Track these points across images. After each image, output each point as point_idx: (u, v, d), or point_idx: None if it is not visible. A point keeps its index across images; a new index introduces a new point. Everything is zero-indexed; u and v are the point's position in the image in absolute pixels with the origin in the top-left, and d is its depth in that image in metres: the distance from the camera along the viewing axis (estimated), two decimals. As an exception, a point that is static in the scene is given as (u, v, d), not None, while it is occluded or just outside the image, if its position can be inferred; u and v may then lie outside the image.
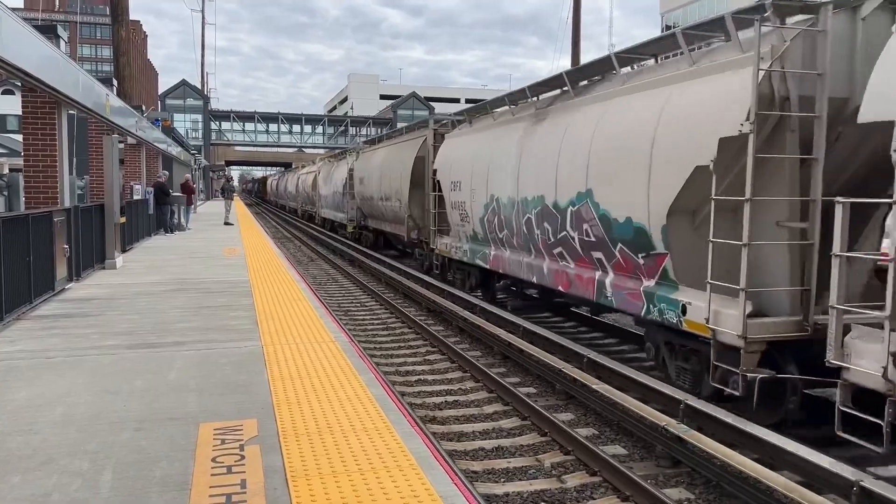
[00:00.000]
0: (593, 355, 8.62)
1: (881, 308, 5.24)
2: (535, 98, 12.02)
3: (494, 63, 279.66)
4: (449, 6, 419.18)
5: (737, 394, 6.56)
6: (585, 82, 10.64)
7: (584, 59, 28.74)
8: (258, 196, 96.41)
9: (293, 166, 68.05)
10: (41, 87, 10.38)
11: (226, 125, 72.26)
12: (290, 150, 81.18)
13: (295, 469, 3.92)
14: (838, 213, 5.48)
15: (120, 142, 16.76)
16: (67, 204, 11.81)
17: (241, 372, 5.94)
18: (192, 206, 25.69)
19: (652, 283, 8.18)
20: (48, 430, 4.55)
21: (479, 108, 14.91)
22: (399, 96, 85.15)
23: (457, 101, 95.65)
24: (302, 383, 5.58)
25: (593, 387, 7.51)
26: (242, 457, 4.09)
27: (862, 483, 4.71)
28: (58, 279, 10.05)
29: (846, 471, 4.93)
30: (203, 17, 65.99)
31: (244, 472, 3.88)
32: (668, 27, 62.52)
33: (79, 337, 7.29)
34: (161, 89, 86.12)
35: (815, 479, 5.15)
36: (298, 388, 5.43)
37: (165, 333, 7.45)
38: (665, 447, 6.16)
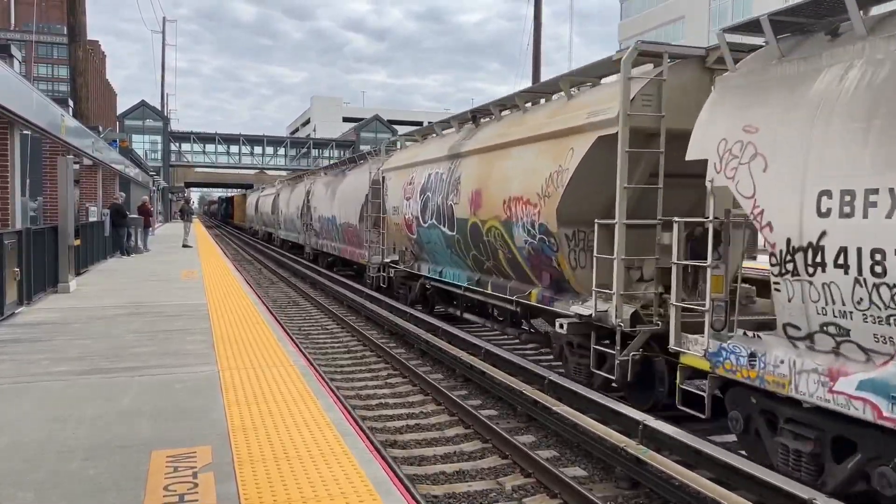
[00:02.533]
0: (554, 377, 8.65)
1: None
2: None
3: (457, 87, 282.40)
4: (412, 31, 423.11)
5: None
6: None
7: (545, 83, 29.12)
8: (225, 219, 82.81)
9: (254, 187, 67.17)
10: (-7, 106, 10.17)
11: (186, 146, 71.40)
12: (251, 171, 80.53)
13: (249, 497, 3.84)
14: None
15: (75, 163, 16.43)
16: (19, 226, 11.53)
17: (197, 397, 5.82)
18: (151, 229, 25.29)
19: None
20: (-8, 461, 4.39)
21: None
22: (362, 119, 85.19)
23: (420, 123, 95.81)
24: (258, 408, 5.49)
25: (554, 409, 7.52)
26: (195, 485, 3.99)
27: (815, 501, 4.79)
28: (7, 303, 9.77)
29: (799, 489, 5.01)
30: (163, 38, 65.20)
31: (197, 500, 3.79)
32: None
33: (28, 363, 7.08)
34: (120, 110, 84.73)
35: (769, 498, 5.22)
36: (255, 414, 5.34)
37: (119, 359, 7.27)
38: (624, 468, 6.18)
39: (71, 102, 21.28)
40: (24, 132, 13.28)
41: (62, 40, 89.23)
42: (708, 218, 6.41)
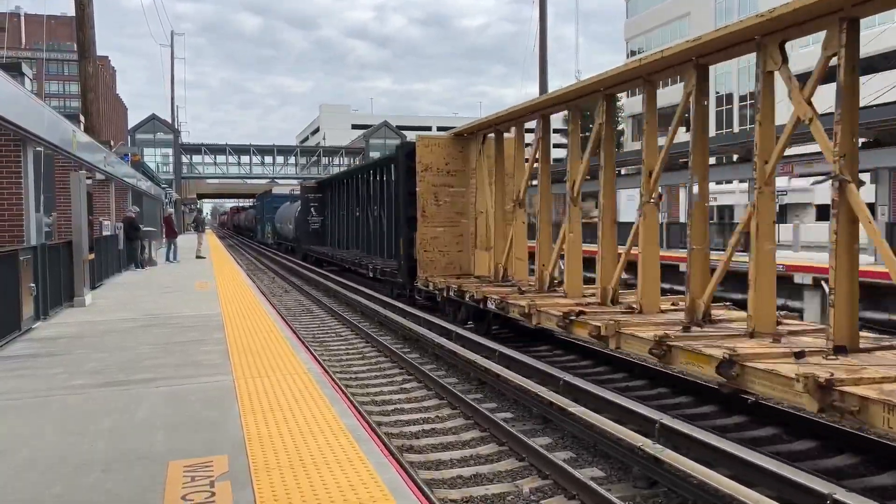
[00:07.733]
0: (569, 378, 8.63)
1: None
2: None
3: (462, 92, 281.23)
4: (415, 37, 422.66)
5: None
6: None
7: (551, 85, 29.17)
8: (279, 240, 47.69)
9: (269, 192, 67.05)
10: (5, 125, 10.26)
11: (197, 158, 71.81)
12: (263, 181, 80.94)
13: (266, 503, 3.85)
14: None
15: (88, 178, 16.54)
16: (34, 242, 11.63)
17: (212, 407, 5.84)
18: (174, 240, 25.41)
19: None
20: (10, 475, 4.43)
21: None
22: (370, 125, 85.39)
23: (428, 128, 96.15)
24: (274, 416, 5.50)
25: (570, 410, 7.50)
26: (213, 493, 4.01)
27: (835, 496, 4.75)
28: (24, 319, 9.85)
29: (819, 484, 4.96)
30: (172, 52, 65.62)
31: (214, 509, 3.80)
32: (632, 52, 63.70)
33: (45, 377, 7.13)
34: (131, 124, 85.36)
35: (788, 493, 5.18)
36: (270, 422, 5.36)
37: (135, 371, 7.32)
38: (642, 468, 6.15)
39: (82, 118, 21.45)
40: (37, 149, 13.40)
41: (72, 57, 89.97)
42: None
